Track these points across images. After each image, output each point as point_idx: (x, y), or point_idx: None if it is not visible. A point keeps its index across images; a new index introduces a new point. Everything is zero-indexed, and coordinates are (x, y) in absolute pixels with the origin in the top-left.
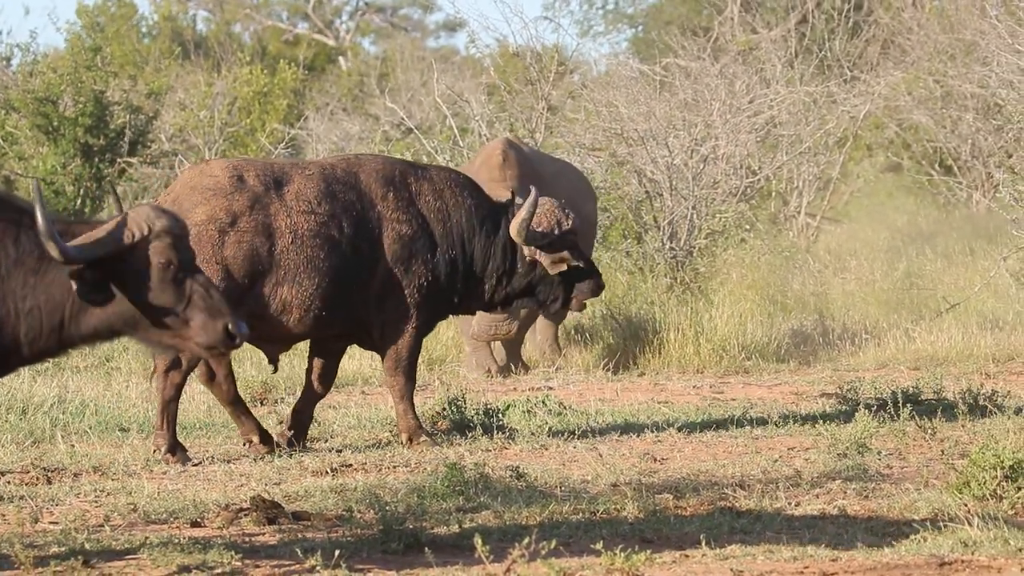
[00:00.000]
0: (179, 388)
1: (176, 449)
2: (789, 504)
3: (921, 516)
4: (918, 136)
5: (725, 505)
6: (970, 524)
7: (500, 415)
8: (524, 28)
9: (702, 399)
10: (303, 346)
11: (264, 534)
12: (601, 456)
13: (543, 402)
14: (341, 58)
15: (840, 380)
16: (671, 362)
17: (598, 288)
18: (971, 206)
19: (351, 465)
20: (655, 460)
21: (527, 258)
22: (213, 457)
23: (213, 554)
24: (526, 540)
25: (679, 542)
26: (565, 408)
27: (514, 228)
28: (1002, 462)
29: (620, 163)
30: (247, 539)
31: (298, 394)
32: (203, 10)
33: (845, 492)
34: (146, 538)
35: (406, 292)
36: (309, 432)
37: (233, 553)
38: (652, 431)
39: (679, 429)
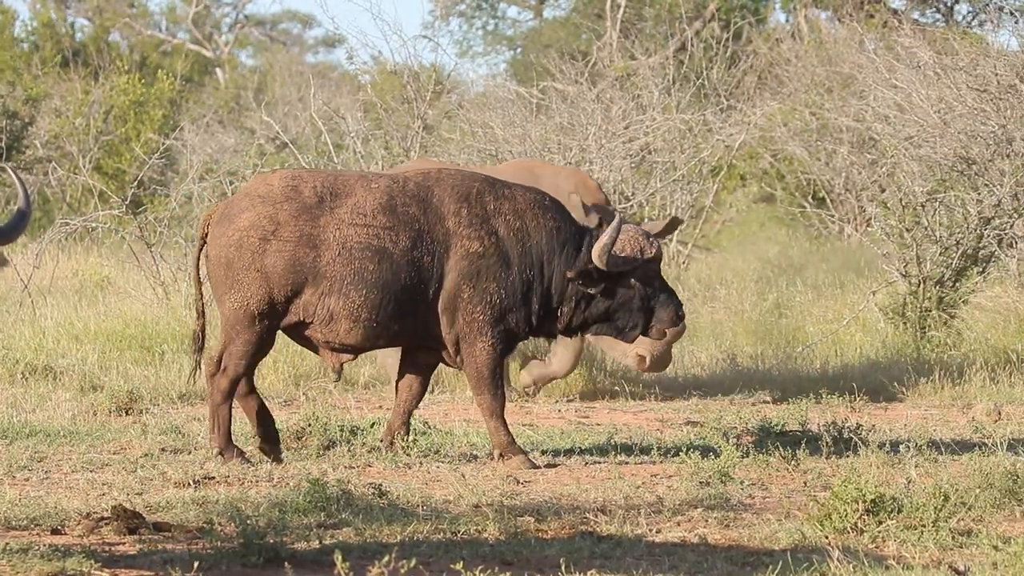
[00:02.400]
0: (227, 393)
1: (228, 450)
2: (650, 531)
3: (781, 547)
4: (792, 167)
5: (586, 529)
6: (830, 557)
7: (363, 433)
8: (402, 46)
9: (567, 423)
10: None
11: (124, 544)
12: (464, 477)
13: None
14: (219, 70)
15: (705, 409)
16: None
17: (677, 318)
18: (843, 239)
19: (214, 478)
20: (518, 482)
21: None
22: (76, 465)
23: (72, 562)
24: (386, 558)
25: (539, 565)
26: (430, 428)
27: (596, 252)
28: (864, 496)
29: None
30: (107, 548)
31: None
32: (83, 18)
33: (707, 521)
34: (6, 544)
35: (477, 309)
36: (175, 444)
37: (93, 562)
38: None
39: (543, 452)
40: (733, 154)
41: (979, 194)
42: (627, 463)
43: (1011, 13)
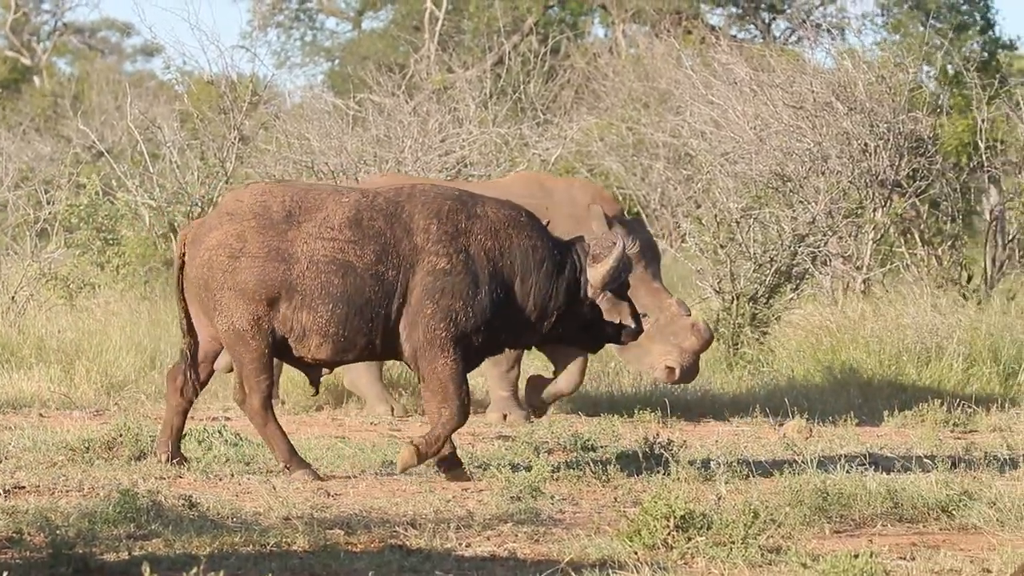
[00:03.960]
0: (263, 412)
1: (294, 463)
2: (460, 544)
3: (591, 562)
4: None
5: (396, 543)
6: (639, 572)
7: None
8: (220, 56)
9: (379, 436)
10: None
11: None
12: (274, 489)
13: (219, 432)
14: (36, 78)
15: (517, 423)
16: (350, 398)
17: (640, 330)
18: None
19: (24, 487)
20: (328, 495)
21: (590, 299)
22: None
23: None
24: (195, 570)
25: None
26: (241, 439)
27: (600, 278)
28: (674, 511)
29: None
30: None
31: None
32: None
33: (516, 535)
34: None
35: (440, 325)
36: None
37: None
38: (327, 465)
39: (354, 465)
40: (549, 168)
41: (794, 211)
42: (438, 477)
43: (828, 31)
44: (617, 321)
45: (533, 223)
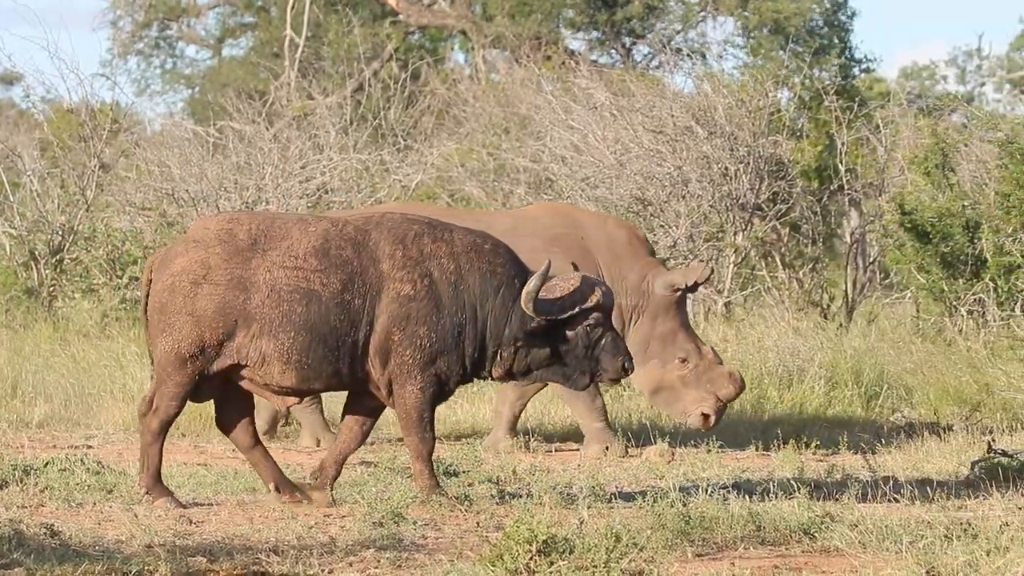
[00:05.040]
0: (157, 433)
1: (155, 490)
2: (322, 571)
3: None
4: (470, 207)
5: (258, 570)
6: None
7: (36, 472)
8: (80, 85)
9: (241, 462)
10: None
11: None
12: (137, 517)
13: (81, 460)
14: None
15: (380, 449)
16: (211, 425)
17: (624, 370)
18: None
19: None
20: (191, 522)
21: (536, 328)
22: None
23: None
24: None
25: None
26: (103, 467)
27: (522, 297)
28: (536, 536)
29: (170, 224)
30: None
31: None
32: None
33: (379, 561)
34: None
35: (407, 352)
36: None
37: None
38: (189, 493)
39: (217, 491)
40: (410, 194)
41: (655, 236)
42: (300, 503)
43: (688, 55)
44: (584, 358)
45: (497, 250)
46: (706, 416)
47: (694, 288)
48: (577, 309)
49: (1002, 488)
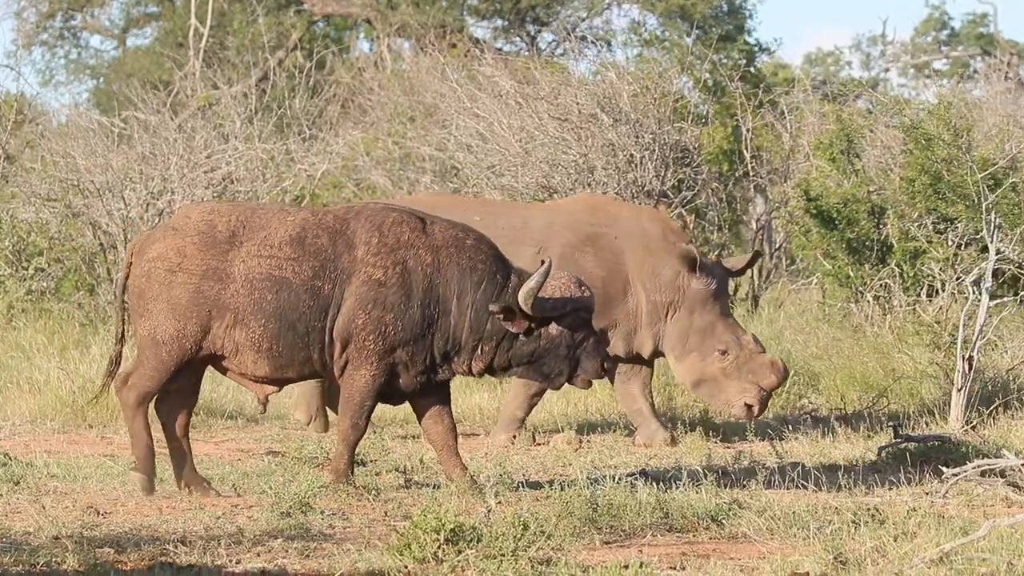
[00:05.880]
0: (136, 406)
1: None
2: (230, 561)
3: None
4: (375, 196)
5: (165, 560)
6: None
7: None
8: None
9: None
10: None
11: None
12: (44, 508)
13: None
14: None
15: (287, 439)
16: (118, 416)
17: (602, 370)
18: None
19: None
20: (98, 513)
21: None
22: None
23: None
24: None
25: None
26: (10, 459)
27: (521, 295)
28: (444, 525)
29: (75, 215)
30: None
31: None
32: None
33: (287, 551)
34: None
35: (369, 338)
36: None
37: None
38: (97, 484)
39: (124, 483)
40: (316, 183)
41: None
42: (208, 493)
43: (592, 43)
44: (564, 357)
45: (479, 245)
46: (750, 407)
47: (740, 272)
48: (569, 309)
49: (909, 473)
